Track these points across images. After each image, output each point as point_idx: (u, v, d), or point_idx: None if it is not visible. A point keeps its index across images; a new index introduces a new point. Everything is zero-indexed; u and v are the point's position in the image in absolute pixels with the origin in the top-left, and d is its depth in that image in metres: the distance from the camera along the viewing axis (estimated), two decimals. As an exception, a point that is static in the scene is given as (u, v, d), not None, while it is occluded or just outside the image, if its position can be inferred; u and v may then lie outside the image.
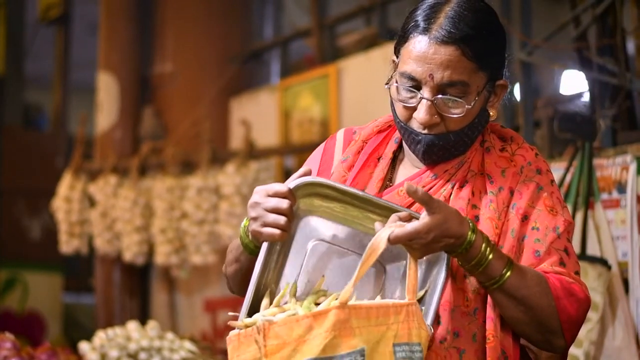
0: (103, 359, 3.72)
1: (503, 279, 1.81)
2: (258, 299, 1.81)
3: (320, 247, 1.86)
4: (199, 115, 6.07)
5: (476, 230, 1.80)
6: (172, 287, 6.42)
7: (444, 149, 1.94)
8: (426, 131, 1.91)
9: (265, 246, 1.83)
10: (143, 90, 6.58)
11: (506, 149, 1.99)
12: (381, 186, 1.99)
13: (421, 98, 1.89)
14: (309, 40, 5.89)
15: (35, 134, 8.40)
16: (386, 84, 1.97)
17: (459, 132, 1.92)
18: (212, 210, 5.59)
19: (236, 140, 6.03)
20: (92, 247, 6.31)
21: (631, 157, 3.24)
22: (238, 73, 6.31)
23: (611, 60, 3.44)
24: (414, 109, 1.91)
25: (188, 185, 5.69)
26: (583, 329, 3.06)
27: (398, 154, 2.04)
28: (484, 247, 1.79)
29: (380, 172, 2.01)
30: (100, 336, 3.82)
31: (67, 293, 8.14)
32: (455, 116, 1.90)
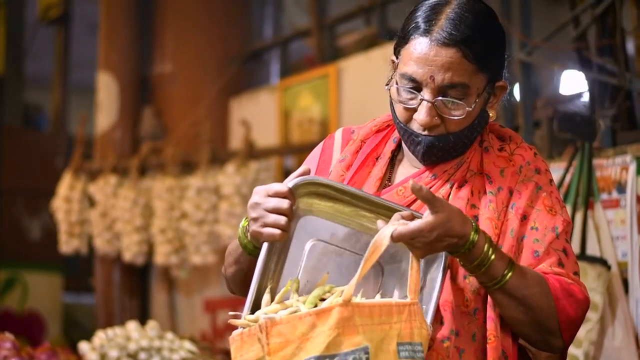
0: (103, 359, 3.72)
1: (504, 280, 1.81)
2: (260, 299, 1.81)
3: (319, 247, 1.86)
4: (199, 115, 6.06)
5: (479, 230, 1.79)
6: (172, 287, 6.41)
7: (444, 150, 1.93)
8: (426, 132, 1.91)
9: (265, 246, 1.83)
10: (143, 90, 6.58)
11: (505, 149, 1.99)
12: (379, 185, 1.99)
13: (422, 100, 1.89)
14: (309, 40, 5.89)
15: (35, 134, 8.39)
16: (386, 85, 1.97)
17: (459, 134, 1.93)
18: (212, 210, 5.59)
19: (236, 140, 6.02)
20: (92, 247, 6.31)
21: (631, 157, 3.24)
22: (238, 73, 6.31)
23: (611, 60, 3.44)
24: (414, 110, 1.91)
25: (188, 185, 5.69)
26: (582, 329, 3.06)
27: (397, 154, 2.04)
28: (487, 247, 1.79)
29: (378, 172, 2.01)
30: (100, 336, 3.82)
31: (67, 293, 8.13)
32: (455, 118, 1.90)
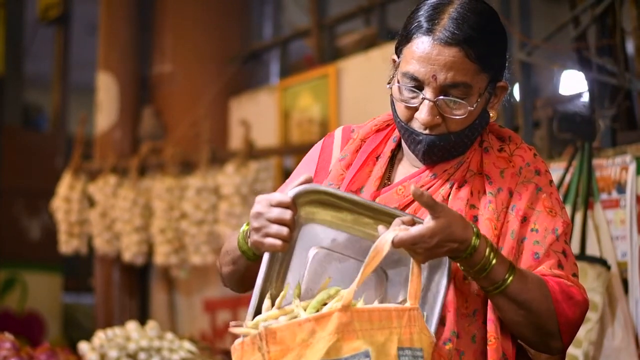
0: (102, 359, 3.72)
1: (505, 284, 1.80)
2: (262, 307, 1.81)
3: (321, 254, 1.86)
4: (199, 115, 6.06)
5: (480, 235, 1.79)
6: (172, 287, 6.41)
7: (444, 150, 1.93)
8: (427, 131, 1.91)
9: (267, 256, 1.83)
10: (142, 90, 6.57)
11: (504, 149, 1.99)
12: (379, 184, 1.99)
13: (423, 98, 1.89)
14: (309, 40, 5.89)
15: (34, 134, 8.38)
16: (388, 84, 1.97)
17: (460, 133, 1.93)
18: (212, 210, 5.59)
19: (236, 140, 6.02)
20: (92, 247, 6.31)
21: (630, 157, 3.24)
22: (237, 73, 6.30)
23: (610, 60, 3.44)
24: (416, 109, 1.91)
25: (187, 185, 5.69)
26: (582, 329, 3.05)
27: (396, 153, 2.04)
28: (488, 252, 1.79)
29: (378, 171, 2.01)
30: (99, 336, 3.82)
31: (67, 293, 8.12)
32: (457, 117, 1.90)
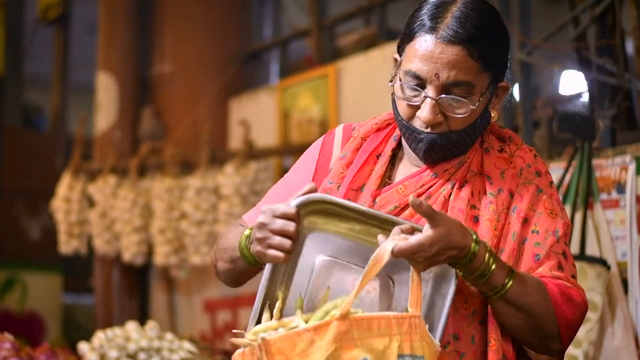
0: (102, 359, 3.72)
1: (505, 289, 1.81)
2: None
3: (324, 263, 1.86)
4: (198, 115, 6.06)
5: (479, 241, 1.79)
6: (172, 288, 6.41)
7: (445, 149, 1.93)
8: (429, 130, 1.91)
9: (269, 267, 1.83)
10: (142, 90, 6.57)
11: (505, 150, 1.99)
12: (380, 183, 1.99)
13: (425, 97, 1.89)
14: (308, 40, 5.88)
15: (34, 135, 8.37)
16: (390, 82, 1.97)
17: (461, 132, 1.93)
18: (212, 210, 5.59)
19: (235, 140, 6.02)
20: (92, 248, 6.30)
21: (630, 157, 3.24)
22: (237, 73, 6.30)
23: (610, 60, 3.44)
24: (417, 108, 1.91)
25: (187, 185, 5.68)
26: (582, 329, 3.05)
27: (397, 152, 2.04)
28: (487, 257, 1.79)
29: (379, 169, 2.01)
30: (99, 336, 3.82)
31: (67, 293, 8.12)
32: (459, 116, 1.90)
